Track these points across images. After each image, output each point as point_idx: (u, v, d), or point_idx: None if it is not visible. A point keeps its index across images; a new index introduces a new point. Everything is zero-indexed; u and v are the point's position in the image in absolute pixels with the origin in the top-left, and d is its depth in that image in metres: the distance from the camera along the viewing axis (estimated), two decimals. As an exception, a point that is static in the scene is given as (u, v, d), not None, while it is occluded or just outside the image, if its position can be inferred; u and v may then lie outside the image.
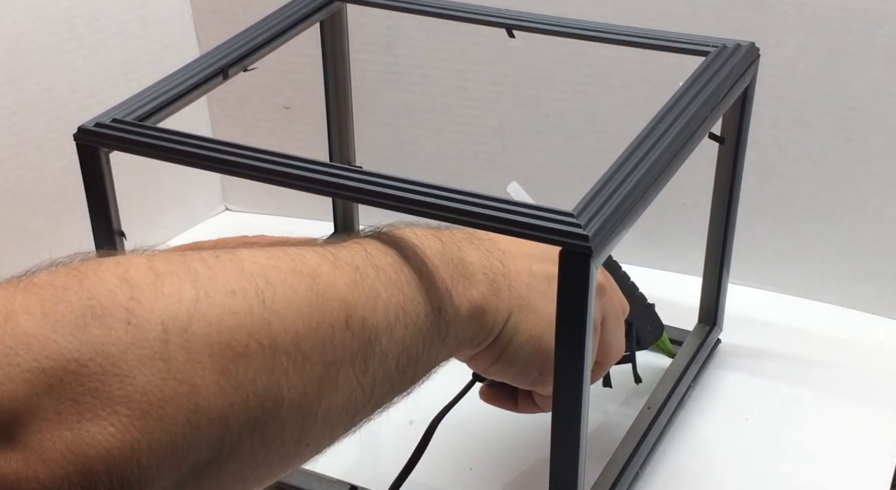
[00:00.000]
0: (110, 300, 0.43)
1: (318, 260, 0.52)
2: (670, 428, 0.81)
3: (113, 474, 0.40)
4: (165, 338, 0.43)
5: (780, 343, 0.91)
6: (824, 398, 0.85)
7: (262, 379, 0.46)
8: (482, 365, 0.63)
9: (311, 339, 0.48)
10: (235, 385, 0.44)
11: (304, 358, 0.48)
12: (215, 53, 0.77)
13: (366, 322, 0.51)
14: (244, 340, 0.45)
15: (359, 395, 0.52)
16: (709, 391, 0.85)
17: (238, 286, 0.46)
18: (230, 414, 0.44)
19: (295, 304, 0.48)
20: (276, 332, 0.47)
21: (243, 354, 0.45)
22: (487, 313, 0.59)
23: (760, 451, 0.80)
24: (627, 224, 0.58)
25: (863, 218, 0.93)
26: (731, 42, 0.75)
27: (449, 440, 0.72)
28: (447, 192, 0.58)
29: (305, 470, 0.76)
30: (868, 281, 0.95)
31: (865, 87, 0.88)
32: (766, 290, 0.97)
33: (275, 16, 0.81)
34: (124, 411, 0.41)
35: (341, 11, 0.87)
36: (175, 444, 0.42)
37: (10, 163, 0.94)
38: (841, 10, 0.86)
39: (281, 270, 0.49)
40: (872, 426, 0.82)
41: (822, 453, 0.80)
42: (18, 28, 0.92)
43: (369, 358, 0.52)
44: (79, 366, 0.41)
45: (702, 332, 0.87)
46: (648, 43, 0.77)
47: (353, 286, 0.52)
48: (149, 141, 0.66)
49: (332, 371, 0.49)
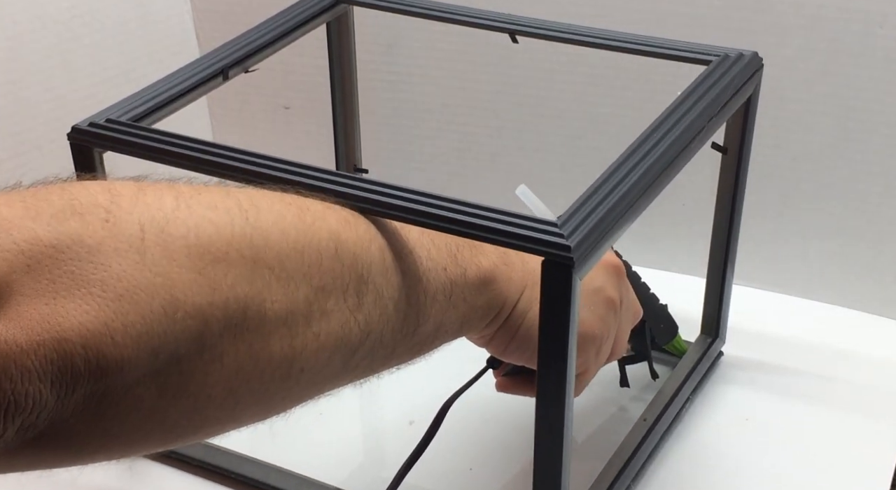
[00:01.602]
0: (91, 201, 0.45)
1: (312, 199, 0.53)
2: (667, 440, 0.80)
3: (88, 347, 0.41)
4: (141, 236, 0.44)
5: (780, 343, 0.90)
6: (824, 400, 0.85)
7: (242, 286, 0.47)
8: (501, 345, 0.63)
9: (295, 259, 0.49)
10: (213, 286, 0.46)
11: (289, 277, 0.49)
12: (216, 54, 0.76)
13: (357, 258, 0.52)
14: (223, 248, 0.46)
15: (354, 327, 0.52)
16: (709, 403, 0.84)
17: (221, 203, 0.48)
18: (209, 312, 0.45)
19: (280, 226, 0.49)
20: (258, 246, 0.48)
21: (222, 260, 0.46)
22: (499, 282, 0.60)
23: (760, 452, 0.80)
24: (613, 236, 0.57)
25: (863, 218, 0.93)
26: (734, 51, 0.74)
27: (449, 441, 0.71)
28: (430, 198, 0.57)
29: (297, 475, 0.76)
30: (868, 281, 0.95)
31: (865, 87, 0.88)
32: (765, 290, 0.97)
33: (278, 17, 0.81)
34: (99, 293, 0.42)
35: (348, 13, 0.87)
36: (150, 329, 0.43)
37: (10, 163, 0.94)
38: (841, 11, 0.86)
39: (269, 198, 0.51)
40: (873, 427, 0.82)
41: (821, 454, 0.79)
42: (18, 28, 0.92)
43: (363, 294, 0.52)
44: (56, 251, 0.42)
45: (703, 343, 0.86)
46: (651, 51, 0.76)
47: (344, 224, 0.53)
48: (141, 142, 0.65)
49: (320, 296, 0.50)
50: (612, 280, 0.66)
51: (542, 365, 0.56)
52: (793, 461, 0.79)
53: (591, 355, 0.65)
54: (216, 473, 0.77)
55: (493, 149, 1.03)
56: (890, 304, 0.94)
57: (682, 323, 0.85)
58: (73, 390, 0.42)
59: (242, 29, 0.80)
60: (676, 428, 0.81)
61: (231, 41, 0.78)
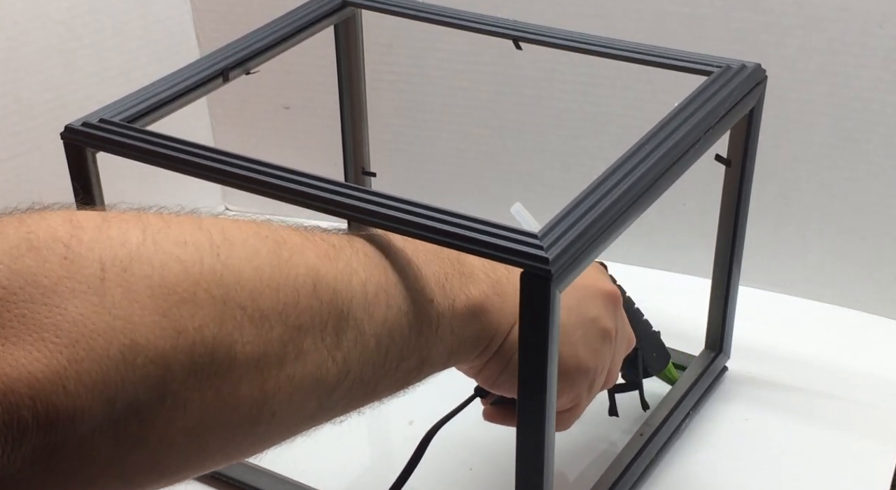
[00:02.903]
0: (49, 235, 0.42)
1: (290, 231, 0.51)
2: (664, 456, 0.79)
3: (37, 398, 0.39)
4: (102, 276, 0.42)
5: (779, 344, 0.90)
6: (825, 400, 0.85)
7: (210, 328, 0.44)
8: (491, 376, 0.61)
9: (270, 297, 0.46)
10: (178, 329, 0.43)
11: (263, 316, 0.46)
12: (217, 55, 0.76)
13: (337, 293, 0.50)
14: (190, 288, 0.44)
15: (331, 367, 0.50)
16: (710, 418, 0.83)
17: (191, 238, 0.45)
18: (172, 357, 0.43)
19: (254, 262, 0.47)
20: (229, 284, 0.45)
21: (189, 300, 0.44)
22: (490, 313, 0.57)
23: (760, 455, 0.80)
24: (596, 249, 0.56)
25: (863, 218, 0.93)
26: (737, 62, 0.72)
27: (449, 441, 0.71)
28: (410, 206, 0.56)
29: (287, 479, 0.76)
30: (868, 281, 0.95)
31: (865, 87, 0.88)
32: (765, 290, 0.97)
33: (283, 19, 0.81)
34: (52, 338, 0.40)
35: (355, 16, 0.87)
36: (107, 376, 0.41)
37: (10, 163, 0.94)
38: (841, 10, 0.86)
39: (244, 231, 0.48)
40: (873, 427, 0.82)
41: (821, 455, 0.79)
42: (18, 28, 0.92)
43: (342, 331, 0.50)
44: (7, 292, 0.40)
45: (707, 358, 0.84)
46: (652, 60, 0.75)
47: (324, 258, 0.50)
48: (132, 143, 0.65)
49: (296, 335, 0.47)
50: (608, 309, 0.64)
51: (523, 380, 0.54)
52: (793, 461, 0.79)
53: (584, 389, 0.63)
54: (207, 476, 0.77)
55: (491, 147, 1.03)
56: (890, 304, 0.94)
57: (682, 324, 0.85)
58: (20, 444, 0.39)
59: (243, 29, 0.80)
60: (675, 443, 0.80)
61: (234, 42, 0.78)
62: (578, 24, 0.83)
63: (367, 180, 0.94)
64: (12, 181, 0.95)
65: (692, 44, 0.84)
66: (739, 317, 0.85)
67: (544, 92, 0.98)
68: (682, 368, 0.84)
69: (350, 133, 0.93)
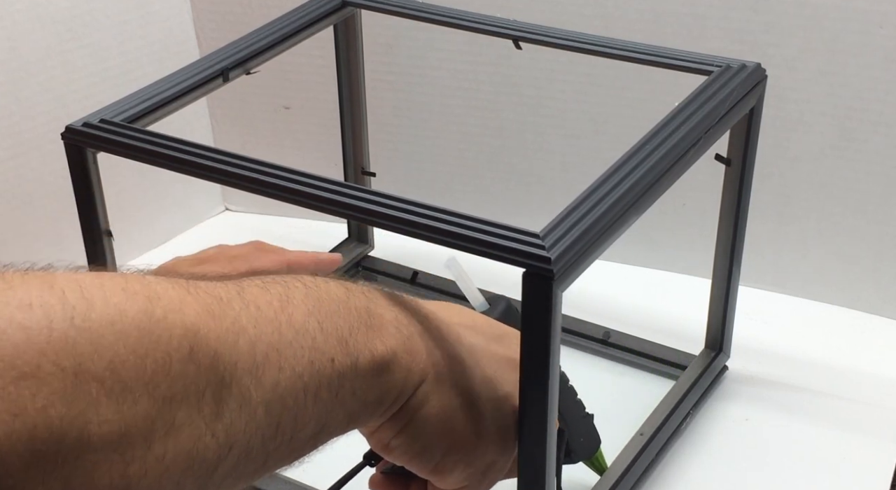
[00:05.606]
0: None
1: (167, 285, 0.44)
2: (664, 456, 0.79)
3: None
4: None
5: (779, 344, 0.90)
6: (825, 401, 0.85)
7: (57, 408, 0.38)
8: (384, 438, 0.55)
9: (135, 367, 0.40)
10: (15, 410, 0.37)
11: (124, 389, 0.40)
12: (217, 55, 0.76)
13: (219, 356, 0.43)
14: (33, 360, 0.37)
15: (210, 442, 0.43)
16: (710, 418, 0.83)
17: (40, 300, 0.39)
18: (6, 445, 0.36)
19: (118, 326, 0.40)
20: (84, 353, 0.39)
21: (31, 375, 0.37)
22: (395, 372, 0.52)
23: (760, 455, 0.80)
24: (598, 249, 0.56)
25: (863, 218, 0.93)
26: (737, 62, 0.73)
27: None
28: (410, 206, 0.56)
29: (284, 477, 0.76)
30: (868, 281, 0.95)
31: (865, 87, 0.88)
32: (765, 290, 0.97)
33: (282, 20, 0.81)
34: None
35: (355, 17, 0.87)
36: None
37: (10, 163, 0.94)
38: (841, 10, 0.86)
39: (107, 288, 0.41)
40: (873, 427, 0.82)
41: (821, 456, 0.79)
42: (18, 28, 0.92)
43: (223, 400, 0.44)
44: None
45: (707, 357, 0.84)
46: (652, 60, 0.75)
47: (206, 315, 0.44)
48: (132, 143, 0.65)
49: (165, 408, 0.41)
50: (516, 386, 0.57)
51: (525, 381, 0.54)
52: (793, 461, 0.79)
53: (479, 471, 0.58)
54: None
55: (491, 147, 1.03)
56: (890, 304, 0.94)
57: (682, 324, 0.85)
58: None
59: (242, 29, 0.80)
60: (675, 443, 0.80)
61: (233, 42, 0.78)
62: (578, 24, 0.83)
63: (366, 180, 0.94)
64: (12, 181, 0.95)
65: (692, 44, 0.84)
66: (739, 317, 0.85)
67: (544, 92, 0.98)
68: (682, 368, 0.85)
69: (350, 133, 0.93)
